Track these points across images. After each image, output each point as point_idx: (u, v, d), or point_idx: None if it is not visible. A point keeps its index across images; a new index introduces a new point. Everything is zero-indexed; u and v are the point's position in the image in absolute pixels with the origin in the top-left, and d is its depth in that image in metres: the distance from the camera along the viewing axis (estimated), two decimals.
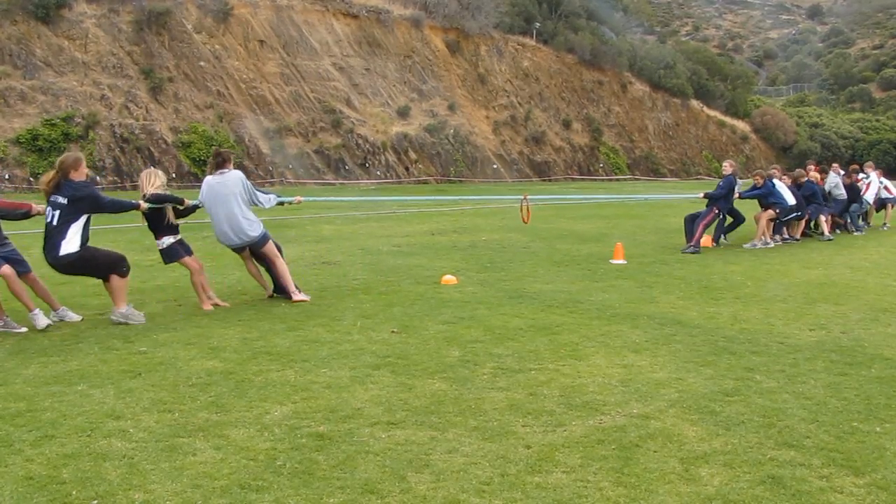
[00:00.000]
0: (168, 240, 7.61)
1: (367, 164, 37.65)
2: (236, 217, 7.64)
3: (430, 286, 8.90)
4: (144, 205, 7.31)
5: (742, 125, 62.10)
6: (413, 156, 39.77)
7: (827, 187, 15.16)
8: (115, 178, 29.76)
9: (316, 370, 5.43)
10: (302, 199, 9.17)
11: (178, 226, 7.75)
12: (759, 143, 61.62)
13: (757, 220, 13.43)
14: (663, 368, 5.59)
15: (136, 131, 31.13)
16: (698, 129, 58.55)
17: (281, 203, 8.47)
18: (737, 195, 13.19)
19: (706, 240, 13.15)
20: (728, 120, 61.15)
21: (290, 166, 35.01)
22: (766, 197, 13.25)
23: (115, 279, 6.97)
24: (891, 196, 17.46)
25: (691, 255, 11.92)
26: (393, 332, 6.62)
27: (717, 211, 12.68)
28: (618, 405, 4.77)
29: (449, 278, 9.21)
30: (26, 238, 10.50)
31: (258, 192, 7.91)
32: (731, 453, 4.03)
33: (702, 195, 13.08)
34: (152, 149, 31.23)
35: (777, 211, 13.25)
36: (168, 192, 7.71)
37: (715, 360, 5.82)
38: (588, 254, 11.92)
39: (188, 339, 6.32)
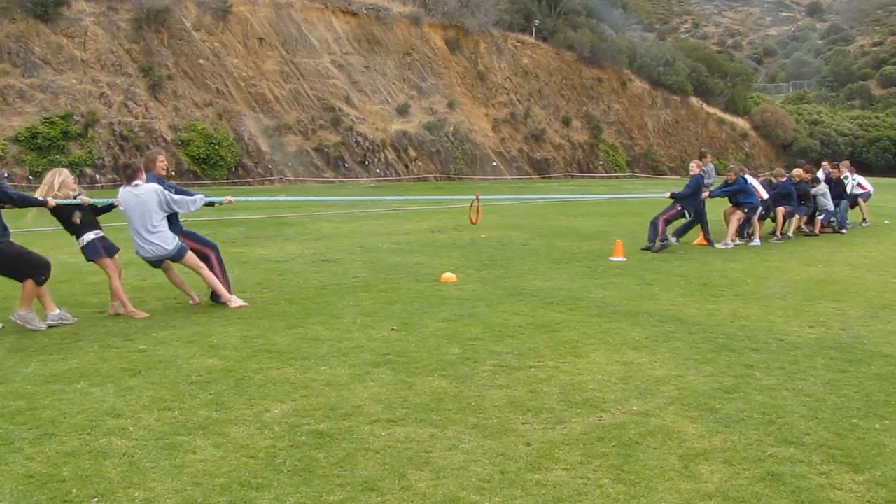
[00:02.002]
0: (89, 235, 7.34)
1: (366, 162, 37.63)
2: (148, 231, 7.30)
3: (429, 284, 8.90)
4: (52, 201, 7.08)
5: (742, 122, 62.02)
6: (413, 153, 39.76)
7: (813, 192, 14.95)
8: (115, 176, 29.74)
9: (316, 368, 5.43)
10: (233, 198, 8.51)
11: (97, 221, 7.52)
12: (758, 141, 61.59)
13: (726, 218, 13.26)
14: (663, 366, 5.60)
15: (136, 129, 31.12)
16: (698, 127, 58.51)
17: (210, 203, 8.05)
18: (706, 193, 12.78)
19: (700, 238, 13.08)
20: (728, 117, 61.08)
21: (290, 164, 35.00)
22: (737, 194, 12.91)
23: (29, 283, 6.72)
24: (862, 192, 17.30)
25: (690, 252, 11.91)
26: (393, 329, 6.62)
27: (679, 208, 12.31)
28: (617, 402, 4.77)
29: (449, 276, 9.21)
30: None
31: (177, 198, 7.45)
32: (731, 450, 4.04)
33: (668, 194, 12.69)
34: (152, 146, 31.17)
35: (745, 211, 12.95)
36: (78, 197, 7.31)
37: (715, 358, 5.82)
38: (588, 251, 11.92)
39: (188, 336, 6.32)
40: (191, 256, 7.52)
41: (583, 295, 8.30)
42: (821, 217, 15.11)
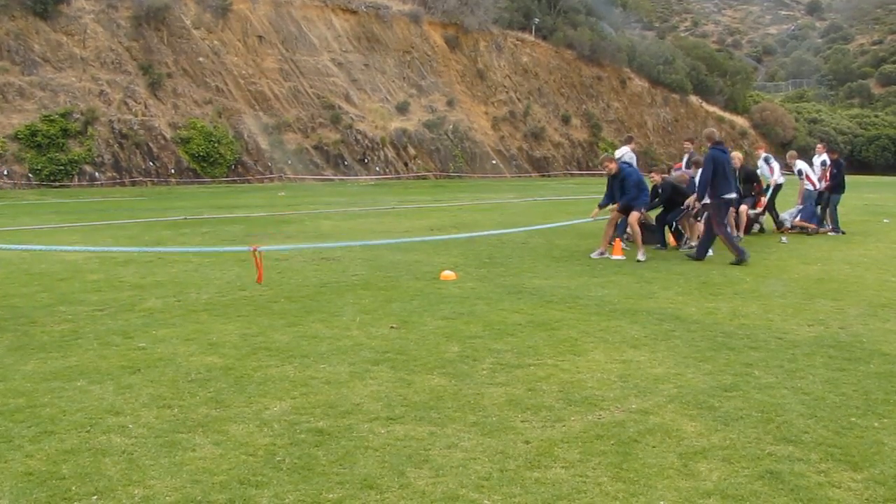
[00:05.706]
0: None
1: (366, 160, 37.63)
2: None
3: (429, 282, 8.90)
4: None
5: (741, 121, 62.08)
6: (412, 151, 39.76)
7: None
8: (115, 174, 29.74)
9: (315, 366, 5.43)
10: None
11: None
12: (758, 139, 61.59)
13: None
14: (662, 364, 5.60)
15: (135, 127, 31.11)
16: (697, 125, 58.47)
17: None
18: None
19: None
20: (727, 115, 61.12)
21: (289, 162, 34.99)
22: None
23: None
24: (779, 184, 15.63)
25: (688, 250, 11.90)
26: (392, 327, 6.62)
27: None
28: (616, 400, 4.77)
29: (448, 274, 9.21)
30: None
31: None
32: (730, 448, 4.04)
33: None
34: (151, 144, 31.20)
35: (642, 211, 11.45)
36: None
37: (714, 356, 5.83)
38: (587, 249, 11.92)
39: (187, 334, 6.32)
40: None
41: (582, 293, 8.30)
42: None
